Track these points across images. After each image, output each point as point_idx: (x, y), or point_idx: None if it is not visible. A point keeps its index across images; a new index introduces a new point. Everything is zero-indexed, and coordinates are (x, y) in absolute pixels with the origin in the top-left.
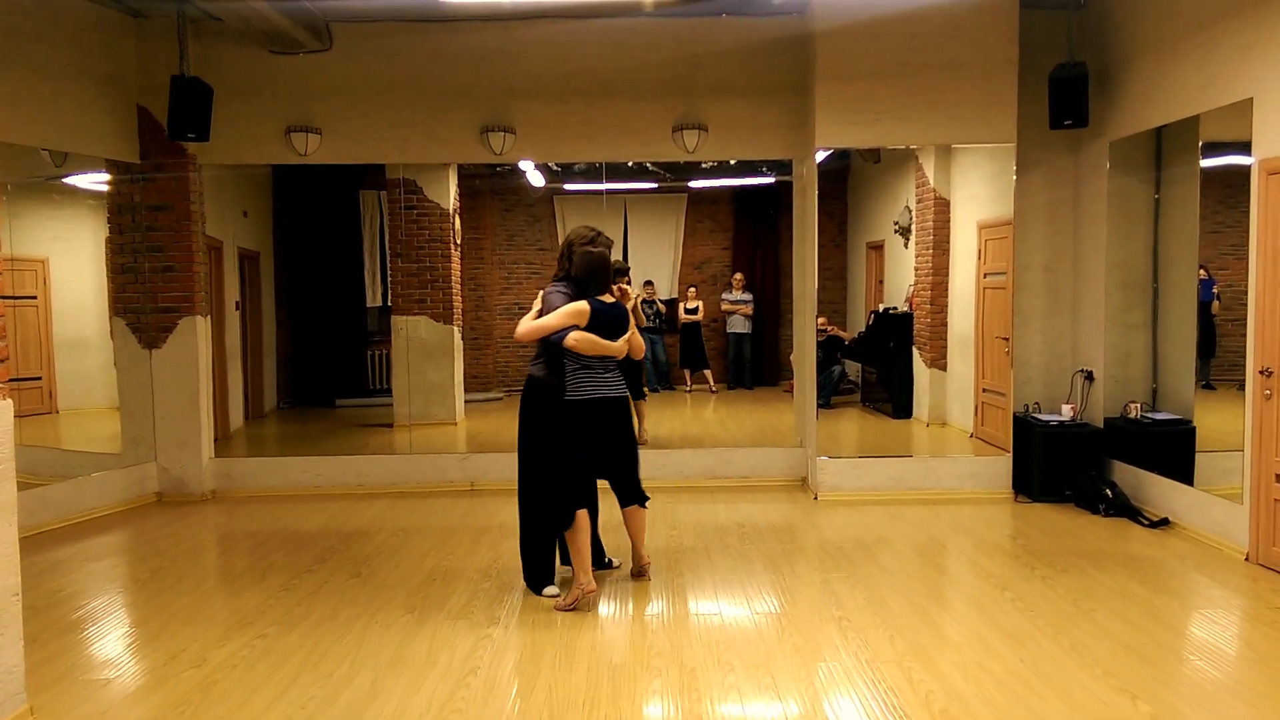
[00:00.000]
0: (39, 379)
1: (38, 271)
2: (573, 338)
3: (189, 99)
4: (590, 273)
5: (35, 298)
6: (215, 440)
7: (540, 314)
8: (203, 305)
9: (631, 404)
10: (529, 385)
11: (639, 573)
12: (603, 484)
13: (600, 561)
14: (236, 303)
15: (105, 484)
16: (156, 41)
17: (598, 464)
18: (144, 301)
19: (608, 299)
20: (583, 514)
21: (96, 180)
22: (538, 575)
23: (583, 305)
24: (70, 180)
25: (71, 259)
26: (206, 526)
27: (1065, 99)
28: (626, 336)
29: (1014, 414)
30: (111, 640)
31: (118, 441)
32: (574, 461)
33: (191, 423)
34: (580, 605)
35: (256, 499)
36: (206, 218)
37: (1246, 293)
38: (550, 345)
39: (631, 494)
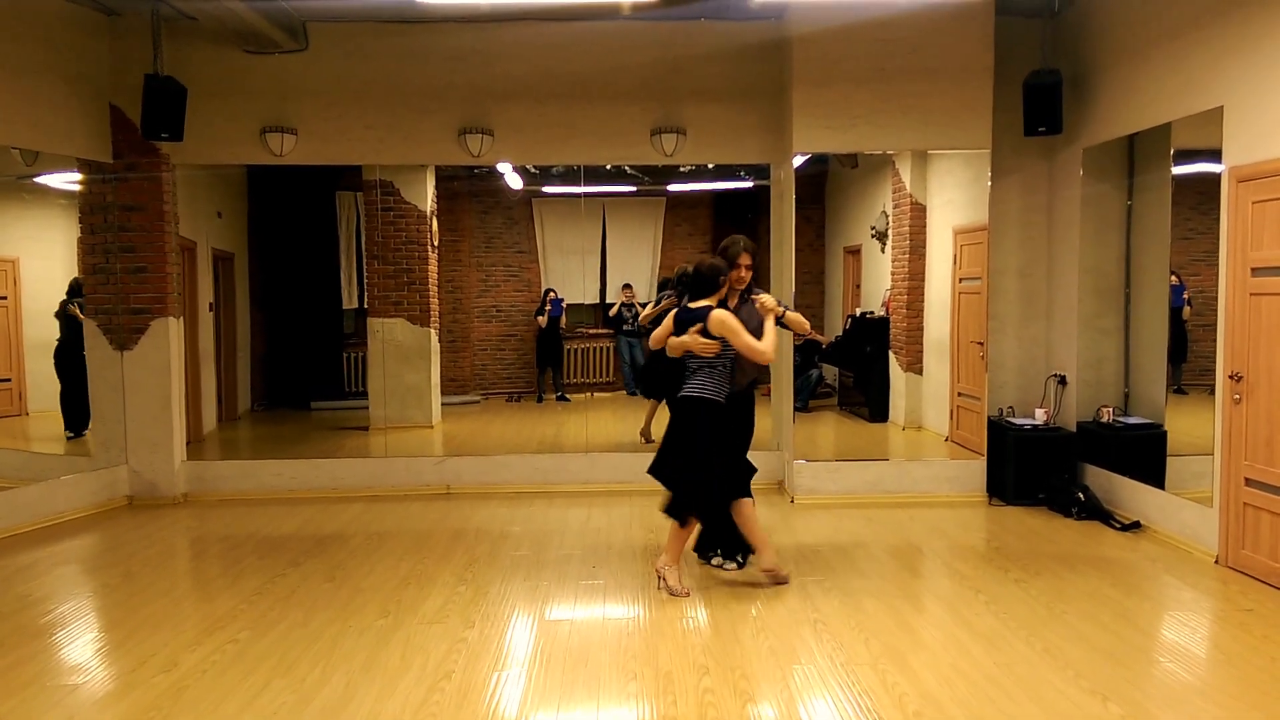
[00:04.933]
0: (9, 380)
1: (8, 272)
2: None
3: (163, 98)
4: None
5: (5, 298)
6: (188, 443)
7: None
8: (175, 306)
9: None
10: (741, 398)
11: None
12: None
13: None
14: (210, 304)
15: (75, 487)
16: (130, 40)
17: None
18: (116, 302)
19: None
20: None
21: (68, 180)
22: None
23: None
24: (41, 179)
25: (42, 259)
26: (178, 530)
27: (1039, 106)
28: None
29: (988, 418)
30: (80, 645)
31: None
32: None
33: (163, 425)
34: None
35: (229, 502)
36: (180, 218)
37: (1217, 298)
38: (722, 358)
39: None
